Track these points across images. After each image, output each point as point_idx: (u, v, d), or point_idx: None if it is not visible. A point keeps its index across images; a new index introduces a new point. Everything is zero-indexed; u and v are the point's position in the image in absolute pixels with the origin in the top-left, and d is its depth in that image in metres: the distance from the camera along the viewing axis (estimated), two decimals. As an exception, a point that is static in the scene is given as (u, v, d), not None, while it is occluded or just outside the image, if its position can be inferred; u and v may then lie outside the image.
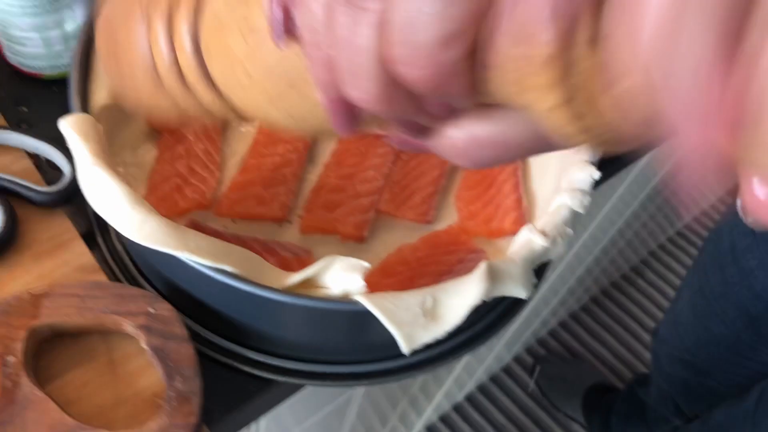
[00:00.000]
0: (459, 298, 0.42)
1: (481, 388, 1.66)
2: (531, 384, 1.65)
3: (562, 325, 1.78)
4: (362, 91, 0.23)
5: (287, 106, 0.30)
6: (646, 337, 1.77)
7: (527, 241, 0.47)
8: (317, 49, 0.23)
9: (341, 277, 0.44)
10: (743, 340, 0.86)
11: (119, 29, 0.36)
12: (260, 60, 0.29)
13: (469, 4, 0.19)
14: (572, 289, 1.55)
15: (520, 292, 0.43)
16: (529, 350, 1.72)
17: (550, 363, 1.67)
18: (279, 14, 0.25)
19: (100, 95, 0.50)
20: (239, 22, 0.29)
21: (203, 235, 0.43)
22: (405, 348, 0.41)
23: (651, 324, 1.80)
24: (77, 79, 0.49)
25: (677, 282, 1.87)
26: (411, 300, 0.42)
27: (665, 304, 1.83)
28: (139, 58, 0.35)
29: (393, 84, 0.22)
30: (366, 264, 0.44)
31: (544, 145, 0.24)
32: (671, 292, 1.85)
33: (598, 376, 1.66)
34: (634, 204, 1.25)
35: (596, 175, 0.48)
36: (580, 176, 0.49)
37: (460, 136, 0.25)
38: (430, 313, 0.42)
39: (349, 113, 0.25)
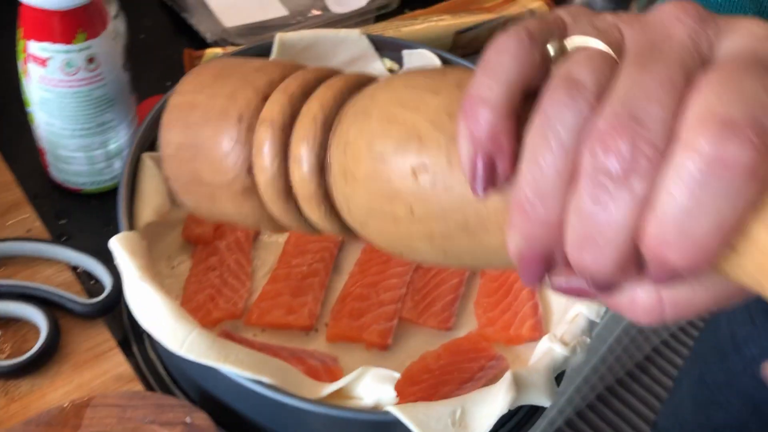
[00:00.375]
0: (486, 408, 0.44)
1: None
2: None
3: (569, 423, 1.76)
4: (598, 258, 0.23)
5: (448, 245, 0.28)
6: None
7: (548, 349, 0.49)
8: (537, 207, 0.23)
9: (373, 387, 0.46)
10: (750, 427, 0.86)
11: (202, 131, 0.34)
12: (433, 201, 0.27)
13: (746, 197, 0.21)
14: (579, 387, 1.54)
15: (544, 401, 0.46)
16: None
17: None
18: (483, 165, 0.24)
19: (145, 213, 0.54)
20: (409, 159, 0.28)
21: (242, 347, 0.46)
22: (436, 458, 0.43)
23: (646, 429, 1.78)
24: (125, 198, 0.53)
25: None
26: (441, 410, 0.44)
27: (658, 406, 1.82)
28: (230, 168, 0.34)
29: (633, 257, 0.23)
30: (396, 374, 0.46)
31: (725, 304, 0.25)
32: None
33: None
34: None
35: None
36: (594, 288, 0.52)
37: (645, 297, 0.25)
38: (460, 423, 0.44)
39: (545, 268, 0.25)
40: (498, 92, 0.24)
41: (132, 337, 0.58)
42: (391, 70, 0.70)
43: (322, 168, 0.31)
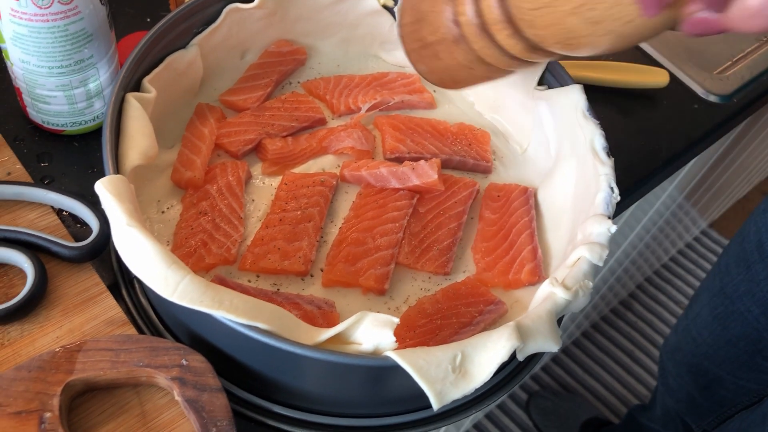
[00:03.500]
0: (487, 354, 0.44)
1: (477, 426, 1.66)
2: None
3: (555, 360, 1.79)
4: None
5: (589, 8, 0.41)
6: (637, 370, 1.79)
7: (549, 294, 0.48)
8: None
9: (372, 333, 0.45)
10: (765, 338, 0.88)
11: (424, 10, 0.51)
12: None
13: None
14: (565, 325, 1.57)
15: (551, 347, 0.45)
16: (522, 386, 1.72)
17: (544, 398, 1.68)
18: None
19: (131, 156, 0.51)
20: None
21: (237, 294, 0.45)
22: (436, 405, 0.43)
23: (641, 357, 1.82)
24: (110, 141, 0.50)
25: (665, 314, 1.90)
26: (441, 356, 0.43)
27: (654, 336, 1.86)
28: (444, 26, 0.50)
29: None
30: (395, 320, 0.45)
31: None
32: (660, 324, 1.88)
33: (593, 410, 1.67)
34: (624, 243, 1.28)
35: (613, 229, 0.50)
36: (598, 230, 0.51)
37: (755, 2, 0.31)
38: (460, 370, 0.43)
39: None
40: None
41: (122, 282, 0.57)
42: (384, 6, 0.67)
43: (504, 2, 0.45)
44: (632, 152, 0.76)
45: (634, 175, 0.75)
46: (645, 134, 0.78)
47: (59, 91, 0.61)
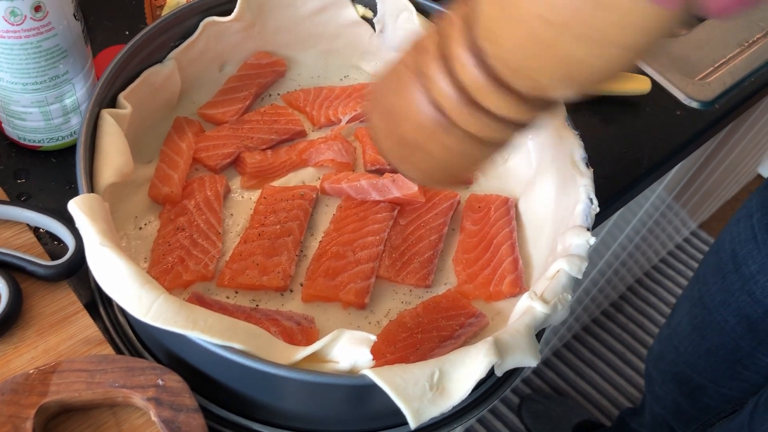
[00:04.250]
0: (465, 370, 0.43)
1: (469, 430, 1.66)
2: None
3: (546, 363, 1.79)
4: None
5: (591, 27, 0.33)
6: (628, 372, 1.79)
7: (528, 308, 0.48)
8: None
9: (349, 351, 0.45)
10: (742, 347, 0.88)
11: (393, 104, 0.42)
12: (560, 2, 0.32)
13: None
14: (555, 328, 1.57)
15: (530, 361, 0.45)
16: (514, 389, 1.72)
17: (535, 401, 1.68)
18: None
19: (106, 173, 0.51)
20: None
21: (212, 313, 0.44)
22: (413, 423, 0.42)
23: (632, 358, 1.82)
24: (83, 159, 0.50)
25: (656, 315, 1.91)
26: (419, 373, 0.43)
27: (645, 338, 1.86)
28: (421, 115, 0.40)
29: None
30: (372, 337, 0.45)
31: None
32: (650, 326, 1.88)
33: (584, 413, 1.67)
34: (614, 245, 1.28)
35: (592, 241, 0.50)
36: (577, 242, 0.50)
37: None
38: (437, 387, 0.43)
39: None
40: None
41: (99, 300, 0.56)
42: (364, 17, 0.67)
43: (481, 54, 0.36)
44: (615, 160, 0.76)
45: (617, 183, 0.75)
46: (627, 141, 0.78)
47: (35, 108, 0.60)
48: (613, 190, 0.74)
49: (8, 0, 0.52)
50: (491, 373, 0.44)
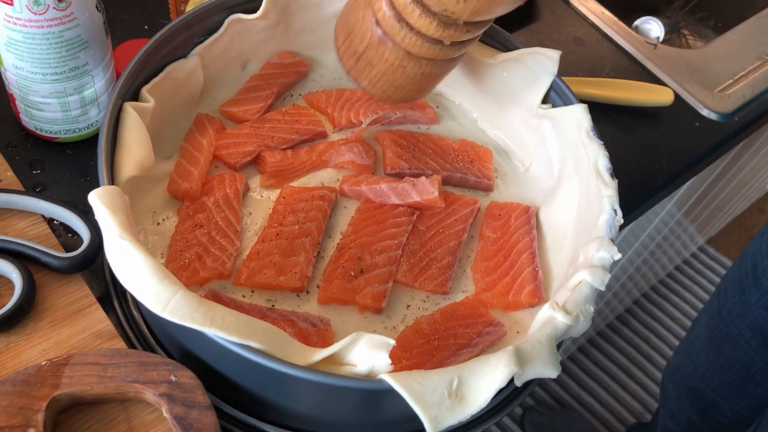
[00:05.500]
0: (485, 380, 0.43)
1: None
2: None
3: (581, 349, 1.79)
4: None
5: None
6: (633, 386, 1.78)
7: (549, 318, 0.47)
8: None
9: (367, 354, 0.44)
10: (756, 363, 0.88)
11: (350, 23, 0.53)
12: None
13: None
14: (566, 348, 1.56)
15: (550, 372, 0.44)
16: (517, 400, 1.71)
17: (539, 413, 1.67)
18: None
19: (127, 167, 0.50)
20: None
21: (229, 310, 0.44)
22: (431, 431, 0.41)
23: (637, 373, 1.81)
24: (105, 150, 0.49)
25: (662, 330, 1.89)
26: (437, 380, 0.42)
27: (651, 352, 1.85)
28: (368, 31, 0.51)
29: None
30: (391, 341, 0.44)
31: None
32: (656, 341, 1.87)
33: (588, 426, 1.66)
34: (622, 259, 1.27)
35: (617, 256, 0.49)
36: (600, 253, 0.50)
37: None
38: (456, 395, 0.42)
39: None
40: None
41: (114, 293, 0.56)
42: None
43: None
44: (633, 170, 0.76)
45: (635, 194, 0.74)
46: (646, 151, 0.78)
47: (53, 98, 0.60)
48: (630, 200, 0.73)
49: (34, -11, 0.52)
50: (509, 382, 0.43)
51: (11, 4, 0.52)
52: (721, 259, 2.06)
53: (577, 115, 0.58)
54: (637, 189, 0.74)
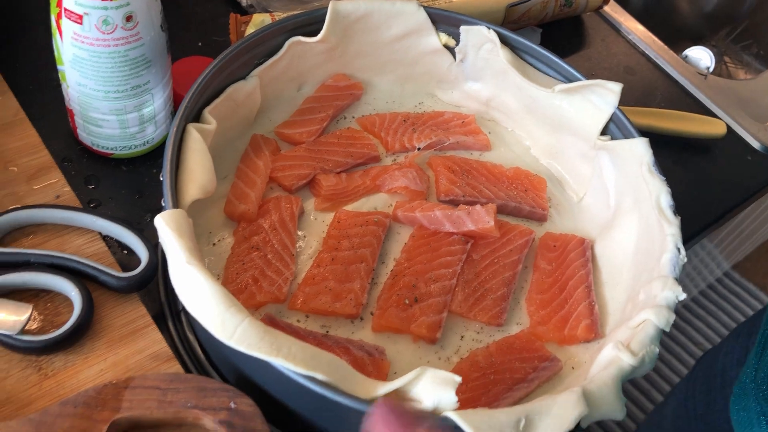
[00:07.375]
0: (553, 421, 0.42)
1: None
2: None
3: None
4: None
5: None
6: (649, 406, 1.76)
7: (614, 358, 0.47)
8: None
9: (432, 390, 0.43)
10: None
11: None
12: None
13: None
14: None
15: (616, 414, 0.43)
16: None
17: None
18: None
19: (191, 190, 0.50)
20: None
21: (295, 340, 0.43)
22: (499, 471, 0.41)
23: (658, 397, 1.79)
24: (170, 173, 0.49)
25: (684, 355, 1.87)
26: (505, 420, 0.42)
27: (672, 377, 1.83)
28: None
29: None
30: (458, 378, 0.44)
31: None
32: (678, 365, 1.85)
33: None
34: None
35: (682, 296, 0.49)
36: (666, 294, 0.49)
37: None
38: (524, 435, 0.42)
39: None
40: None
41: (168, 313, 0.56)
42: (446, 46, 0.66)
43: None
44: (684, 203, 0.74)
45: (685, 228, 0.73)
46: (698, 185, 0.77)
47: (113, 115, 0.60)
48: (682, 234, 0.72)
49: (102, 9, 0.52)
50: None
51: (80, 23, 0.53)
52: (746, 285, 2.03)
53: (638, 149, 0.58)
54: (687, 222, 0.73)
